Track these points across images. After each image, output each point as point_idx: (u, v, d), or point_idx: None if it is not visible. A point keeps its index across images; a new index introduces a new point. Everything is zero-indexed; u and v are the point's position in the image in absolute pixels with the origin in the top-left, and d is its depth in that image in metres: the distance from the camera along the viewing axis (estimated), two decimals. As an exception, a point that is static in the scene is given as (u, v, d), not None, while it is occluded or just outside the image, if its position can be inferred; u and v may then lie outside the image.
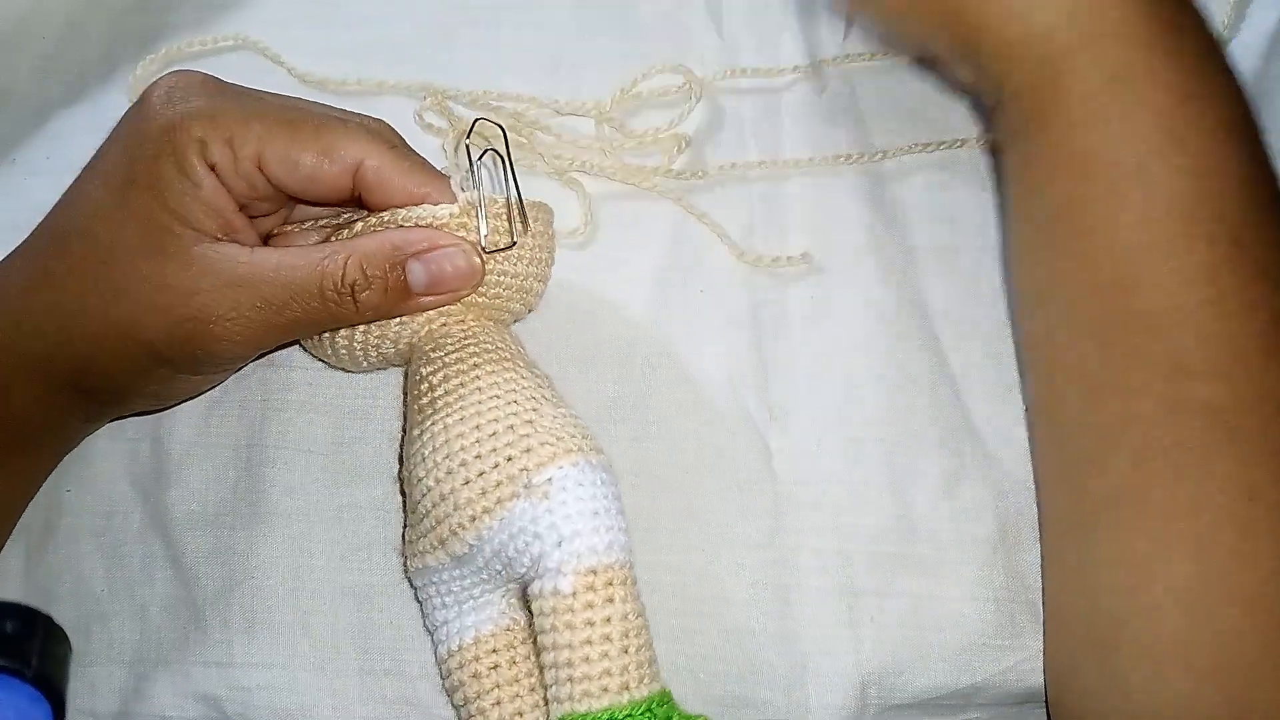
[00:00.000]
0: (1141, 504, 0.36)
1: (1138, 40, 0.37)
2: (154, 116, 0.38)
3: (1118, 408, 0.37)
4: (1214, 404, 0.35)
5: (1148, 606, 0.36)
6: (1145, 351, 0.36)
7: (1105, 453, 0.37)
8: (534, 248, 0.41)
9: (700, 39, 0.51)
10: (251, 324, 0.37)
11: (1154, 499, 0.36)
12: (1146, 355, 0.36)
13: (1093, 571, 0.38)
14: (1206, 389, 0.35)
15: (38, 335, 0.38)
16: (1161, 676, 0.35)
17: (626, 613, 0.36)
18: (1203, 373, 0.35)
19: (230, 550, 0.43)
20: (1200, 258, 0.36)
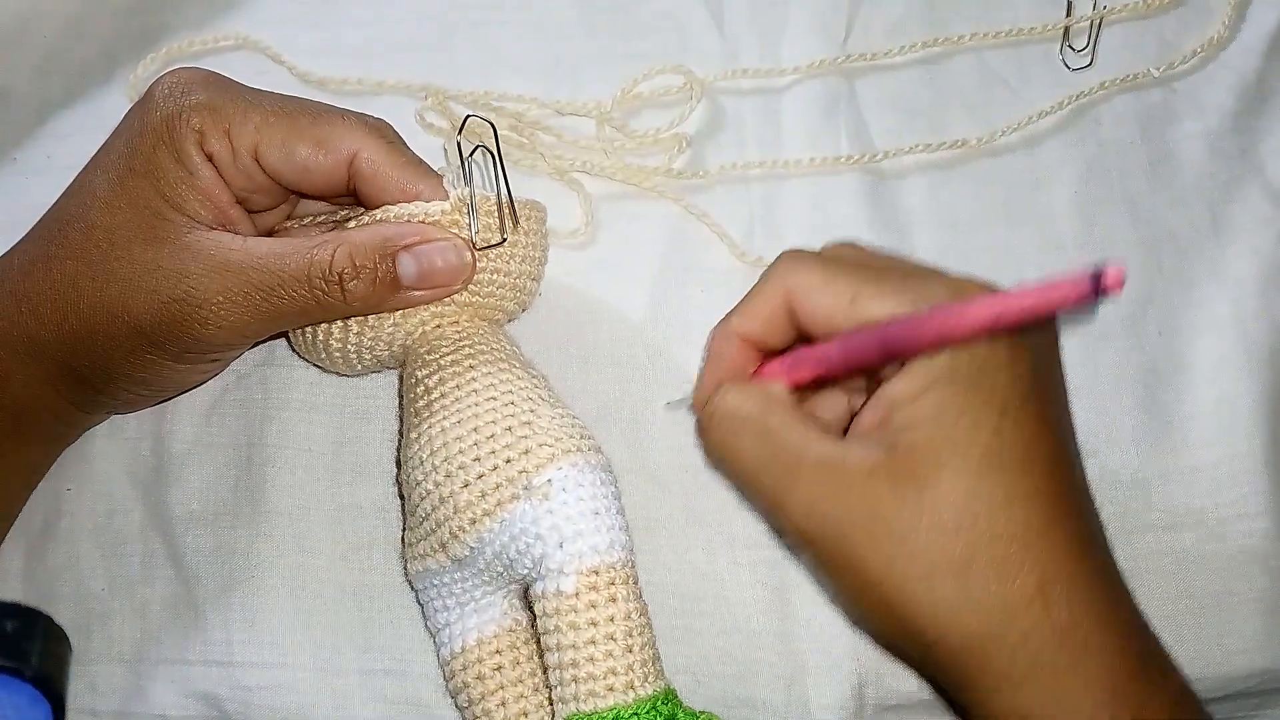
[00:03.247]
0: None
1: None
2: (155, 109, 0.38)
3: None
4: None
5: None
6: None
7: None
8: (527, 245, 0.41)
9: (700, 39, 0.51)
10: (239, 309, 0.37)
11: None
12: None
13: None
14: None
15: (35, 316, 0.38)
16: None
17: (629, 611, 0.36)
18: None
19: (231, 549, 0.43)
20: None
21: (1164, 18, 0.52)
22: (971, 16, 0.51)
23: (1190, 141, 0.49)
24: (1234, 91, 0.50)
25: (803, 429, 0.36)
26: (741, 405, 0.37)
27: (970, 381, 0.34)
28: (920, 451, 0.34)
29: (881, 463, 0.35)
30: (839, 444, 0.36)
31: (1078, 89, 0.50)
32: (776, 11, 0.51)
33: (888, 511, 0.34)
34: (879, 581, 0.35)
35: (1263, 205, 0.47)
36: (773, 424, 0.37)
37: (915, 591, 0.34)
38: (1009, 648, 0.34)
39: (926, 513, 0.34)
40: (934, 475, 0.34)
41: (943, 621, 0.34)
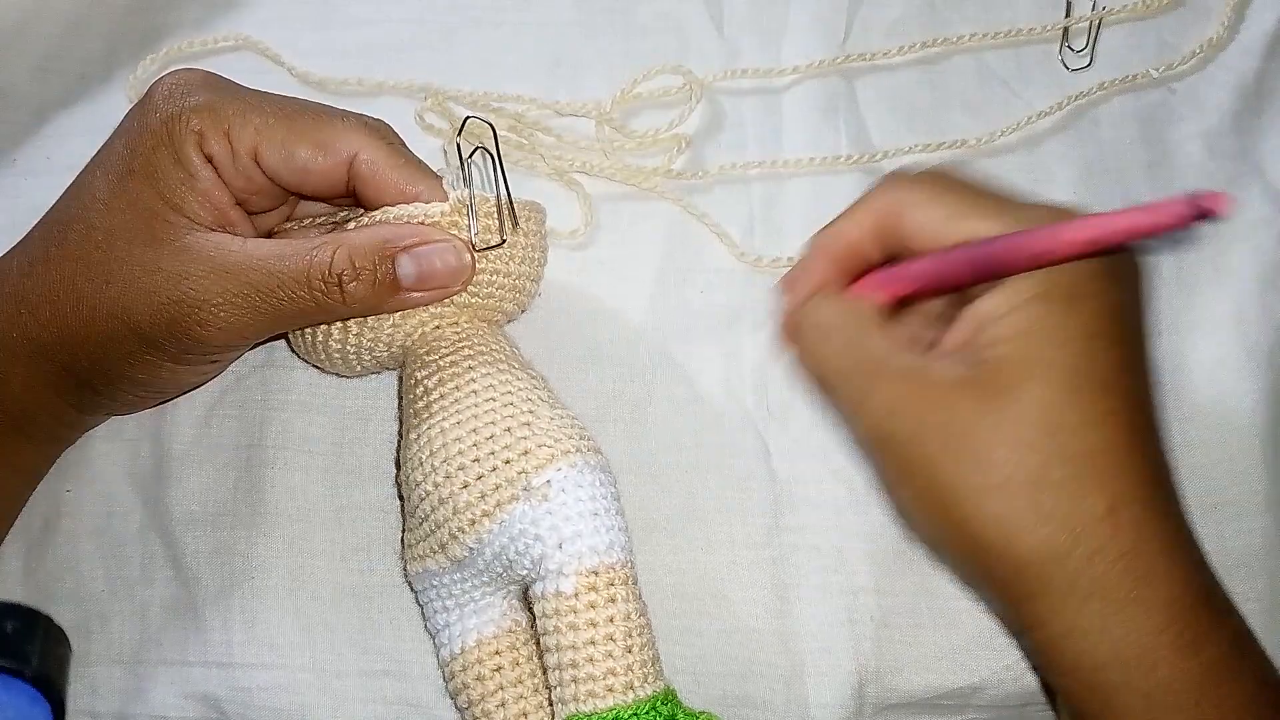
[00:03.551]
0: None
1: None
2: (155, 110, 0.38)
3: None
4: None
5: None
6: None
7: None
8: (526, 246, 0.41)
9: (700, 39, 0.51)
10: (238, 311, 0.37)
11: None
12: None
13: None
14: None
15: (34, 317, 0.38)
16: None
17: (629, 612, 0.36)
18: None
19: (230, 550, 0.43)
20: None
21: (1163, 19, 0.52)
22: (971, 17, 0.51)
23: (1189, 142, 0.49)
24: (1233, 92, 0.49)
25: (889, 340, 0.38)
26: (832, 315, 0.39)
27: (1062, 303, 0.35)
28: (1006, 366, 0.35)
29: (966, 376, 0.35)
30: (924, 356, 0.37)
31: (1077, 89, 0.50)
32: (776, 11, 0.51)
33: (967, 422, 0.35)
34: (950, 490, 0.35)
35: (1263, 205, 0.47)
36: (860, 333, 0.38)
37: (986, 502, 0.35)
38: (1073, 566, 0.34)
39: (1007, 426, 0.35)
40: (1017, 390, 0.35)
41: (1010, 534, 0.35)
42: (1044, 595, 0.35)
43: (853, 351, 0.38)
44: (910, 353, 0.37)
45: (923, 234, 0.38)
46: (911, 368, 0.36)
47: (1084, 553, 0.34)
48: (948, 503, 0.35)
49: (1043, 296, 0.35)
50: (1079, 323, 0.35)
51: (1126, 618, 0.34)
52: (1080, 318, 0.35)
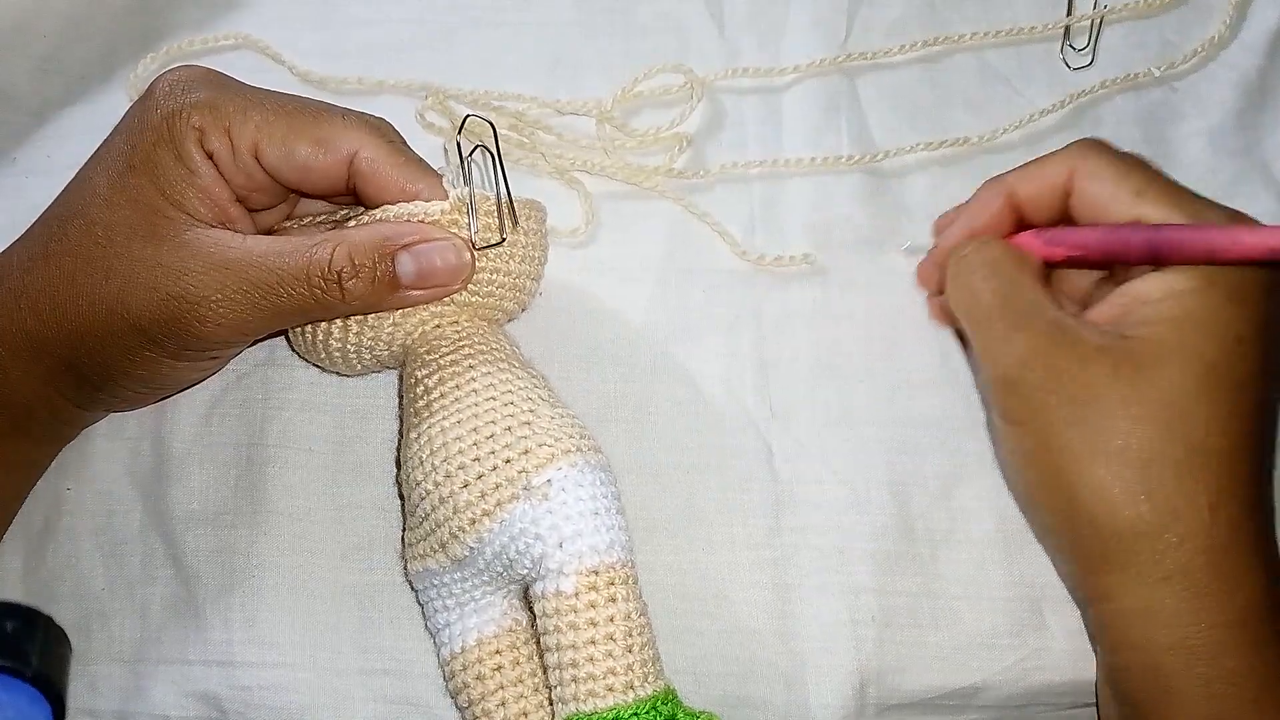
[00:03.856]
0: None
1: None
2: (156, 106, 0.38)
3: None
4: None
5: None
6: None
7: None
8: (526, 245, 0.41)
9: (701, 39, 0.51)
10: (238, 307, 0.37)
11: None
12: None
13: None
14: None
15: (33, 312, 0.38)
16: None
17: (629, 611, 0.36)
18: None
19: (231, 549, 0.43)
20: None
21: (1165, 17, 0.52)
22: (972, 15, 0.51)
23: (1192, 140, 0.49)
24: (1236, 89, 0.49)
25: (1045, 294, 0.39)
26: (998, 255, 0.40)
27: (1220, 301, 0.36)
28: (1152, 345, 0.36)
29: (1111, 345, 0.37)
30: (1076, 318, 0.38)
31: (1078, 88, 0.50)
32: (777, 11, 0.51)
33: (1100, 386, 0.36)
34: (1065, 446, 0.37)
35: (1268, 201, 0.47)
36: (1020, 278, 0.39)
37: (1097, 466, 0.36)
38: (1162, 546, 0.36)
39: (1137, 399, 0.36)
40: (1155, 369, 0.36)
41: (1112, 501, 0.36)
42: (1126, 569, 0.36)
43: (1009, 292, 0.39)
44: (1064, 311, 0.38)
45: (1096, 204, 0.39)
46: (1061, 323, 0.38)
47: (1176, 536, 0.36)
48: (1058, 459, 0.37)
49: (1201, 290, 0.36)
50: (1231, 323, 0.36)
51: (1202, 607, 0.35)
52: (1233, 319, 0.36)
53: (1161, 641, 0.36)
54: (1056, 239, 0.40)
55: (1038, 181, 0.41)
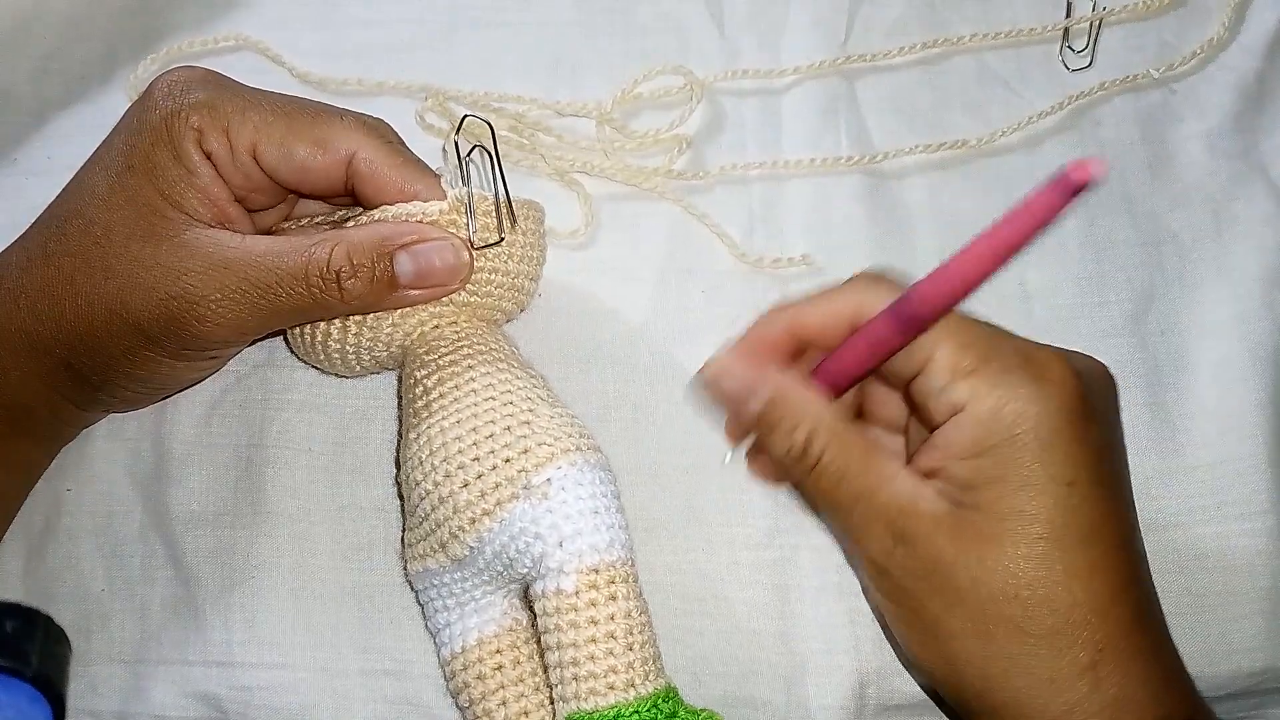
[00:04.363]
0: None
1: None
2: (155, 107, 0.38)
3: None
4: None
5: None
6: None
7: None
8: (524, 245, 0.41)
9: (701, 40, 0.51)
10: (237, 307, 0.37)
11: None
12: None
13: None
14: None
15: (32, 312, 0.38)
16: None
17: (630, 610, 0.36)
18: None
19: (231, 550, 0.42)
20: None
21: (1163, 19, 0.52)
22: (971, 17, 0.52)
23: (1191, 141, 0.49)
24: (1234, 91, 0.50)
25: (875, 462, 0.36)
26: (828, 441, 0.36)
27: (1036, 449, 0.34)
28: (982, 515, 0.34)
29: (945, 518, 0.35)
30: (913, 482, 0.36)
31: (1077, 89, 0.50)
32: (776, 12, 0.51)
33: (950, 566, 0.35)
34: (934, 628, 0.35)
35: (1266, 204, 0.47)
36: (851, 458, 0.36)
37: (967, 646, 0.35)
38: (1051, 717, 0.34)
39: (986, 576, 0.34)
40: (995, 541, 0.34)
41: (990, 680, 0.35)
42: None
43: (841, 487, 0.36)
44: (889, 480, 0.36)
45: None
46: (899, 503, 0.35)
47: (1063, 706, 0.34)
48: (934, 640, 0.36)
49: (1011, 442, 0.34)
50: (1054, 473, 0.34)
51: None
52: (1055, 467, 0.34)
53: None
54: (829, 373, 0.38)
55: (830, 309, 0.38)
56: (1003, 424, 0.34)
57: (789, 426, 0.37)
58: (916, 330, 0.35)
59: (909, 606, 0.36)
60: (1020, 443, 0.34)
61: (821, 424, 0.37)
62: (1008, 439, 0.34)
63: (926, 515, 0.35)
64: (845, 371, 0.38)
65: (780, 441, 0.37)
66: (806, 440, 0.37)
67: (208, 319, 0.37)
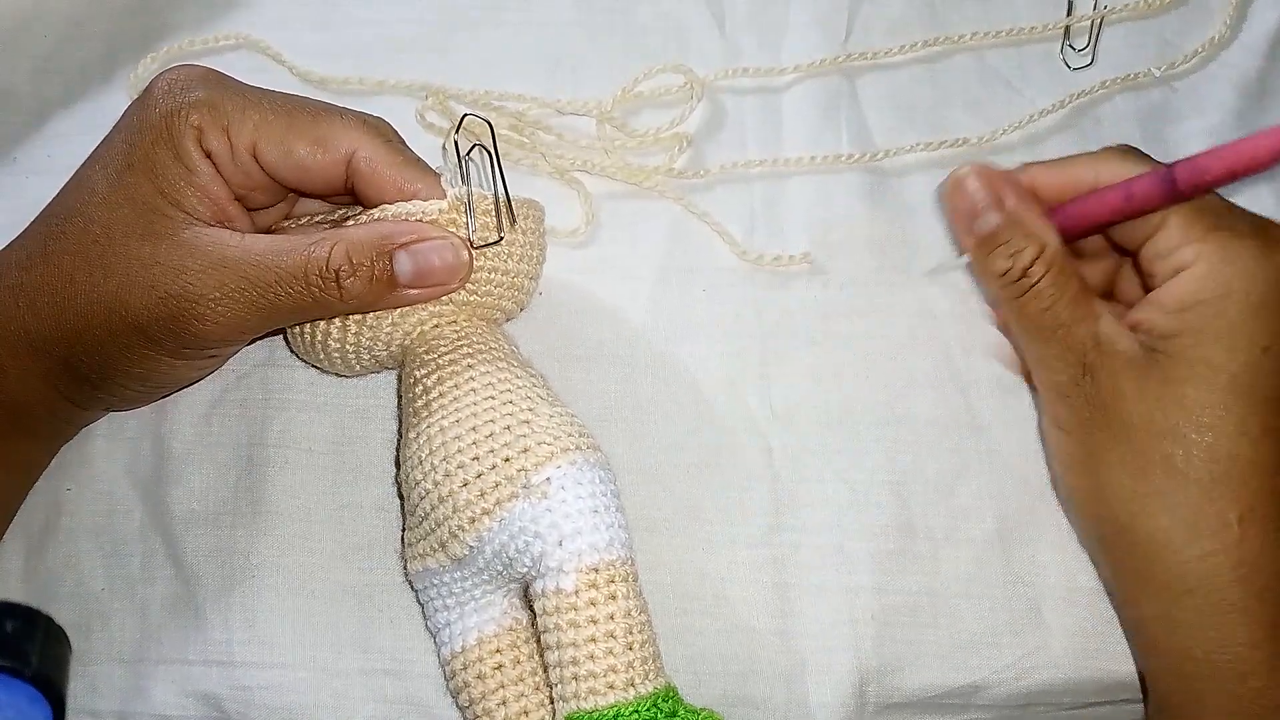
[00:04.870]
0: None
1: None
2: (155, 105, 0.38)
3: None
4: None
5: None
6: None
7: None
8: (524, 244, 0.41)
9: (701, 38, 0.51)
10: (236, 306, 0.37)
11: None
12: None
13: None
14: None
15: (32, 311, 0.38)
16: None
17: (630, 609, 0.36)
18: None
19: (231, 549, 0.42)
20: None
21: (1165, 17, 0.52)
22: (972, 16, 0.51)
23: (1192, 140, 0.49)
24: (1235, 90, 0.50)
25: (1088, 299, 0.39)
26: (1049, 266, 0.39)
27: (1243, 308, 0.36)
28: (1175, 359, 0.37)
29: (1138, 358, 0.37)
30: (1113, 324, 0.38)
31: (1078, 88, 0.50)
32: (777, 11, 0.51)
33: (1129, 401, 0.37)
34: (1101, 457, 0.37)
35: (1267, 203, 0.47)
36: (1068, 287, 0.39)
37: (1124, 479, 0.37)
38: (1183, 560, 0.36)
39: (1159, 413, 0.36)
40: (1179, 383, 0.36)
41: (1136, 512, 0.37)
42: (1151, 579, 0.36)
43: (1044, 316, 0.39)
44: (1100, 317, 0.38)
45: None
46: (1096, 337, 0.38)
47: (1199, 551, 0.35)
48: (1095, 467, 0.37)
49: (1221, 299, 0.36)
50: (1253, 335, 0.36)
51: (1227, 623, 0.35)
52: (1255, 328, 0.36)
53: (1186, 652, 0.36)
54: (1066, 216, 0.40)
55: (1069, 175, 0.41)
56: (1218, 281, 0.37)
57: (1014, 249, 0.39)
58: (1182, 198, 0.37)
59: (1078, 434, 0.38)
60: (1230, 300, 0.36)
61: (1049, 250, 0.39)
62: (1220, 295, 0.37)
63: (1120, 354, 0.37)
64: (1087, 218, 0.40)
65: (1001, 261, 0.39)
66: (1029, 264, 0.39)
67: (207, 318, 0.37)
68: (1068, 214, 0.40)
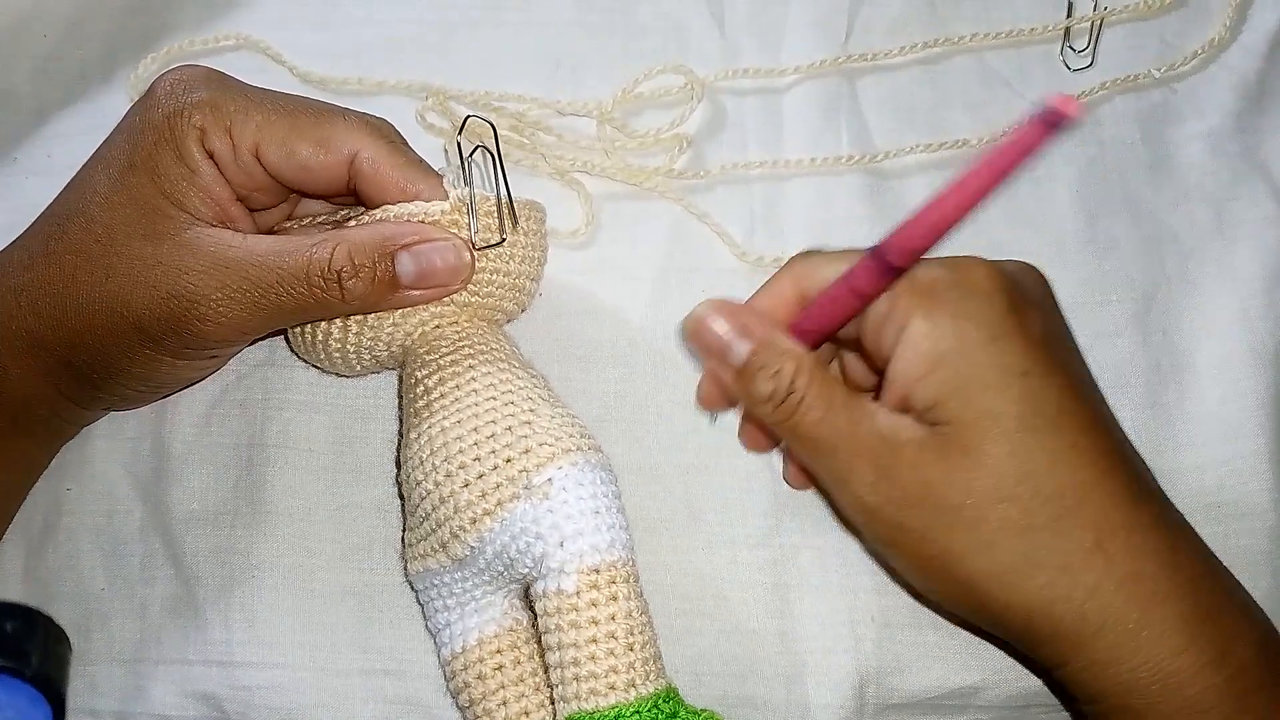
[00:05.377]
0: None
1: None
2: (157, 106, 0.38)
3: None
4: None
5: None
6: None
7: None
8: (526, 246, 0.41)
9: (701, 39, 0.51)
10: (238, 306, 0.37)
11: None
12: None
13: None
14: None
15: (33, 310, 0.38)
16: None
17: (630, 610, 0.36)
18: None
19: (231, 549, 0.42)
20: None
21: (1165, 19, 0.52)
22: (972, 17, 0.51)
23: (1192, 142, 0.49)
24: (1235, 91, 0.50)
25: (850, 403, 0.37)
26: (796, 377, 0.37)
27: (982, 349, 0.35)
28: (955, 427, 0.35)
29: (928, 439, 0.35)
30: (885, 417, 0.36)
31: (1078, 89, 0.50)
32: (777, 11, 0.51)
33: (939, 487, 0.35)
34: (942, 554, 0.35)
35: (1268, 204, 0.47)
36: (835, 397, 0.37)
37: (978, 561, 0.35)
38: (1077, 605, 0.34)
39: (977, 483, 0.35)
40: (977, 446, 0.35)
41: (1009, 587, 0.35)
42: (1056, 639, 0.35)
43: (823, 427, 0.36)
44: (869, 416, 0.36)
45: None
46: (880, 436, 0.36)
47: (1084, 589, 0.34)
48: (944, 568, 0.36)
49: (958, 349, 0.35)
50: (1006, 364, 0.35)
51: (1141, 644, 0.34)
52: (1005, 361, 0.35)
53: (1119, 689, 0.35)
54: (801, 330, 0.38)
55: (775, 293, 0.39)
56: (945, 333, 0.35)
57: (773, 369, 0.37)
58: (901, 271, 0.35)
59: (908, 542, 0.36)
60: (967, 346, 0.35)
61: (803, 365, 0.37)
62: (954, 346, 0.35)
63: (908, 442, 0.35)
64: (825, 322, 0.38)
65: (763, 385, 0.37)
66: (791, 381, 0.37)
67: (209, 318, 0.37)
68: (803, 326, 0.38)
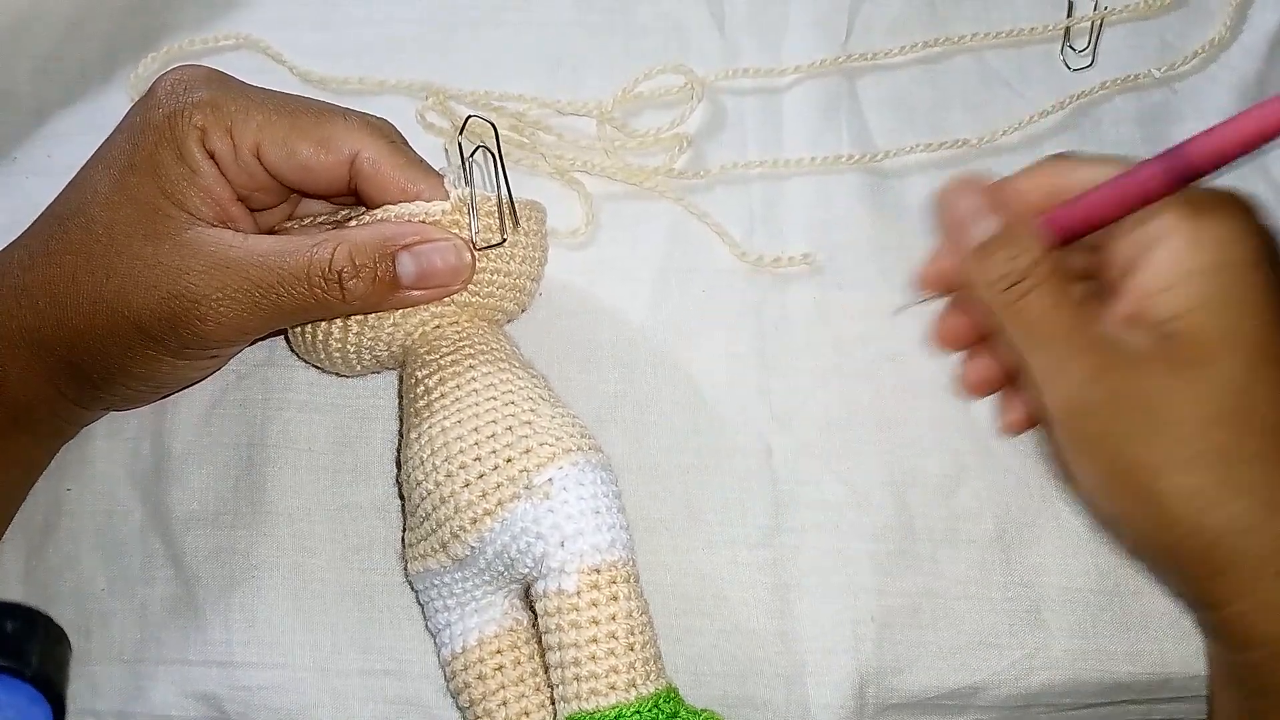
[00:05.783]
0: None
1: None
2: (158, 105, 0.38)
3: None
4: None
5: None
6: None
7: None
8: (526, 246, 0.41)
9: (701, 39, 0.51)
10: (238, 306, 0.37)
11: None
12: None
13: None
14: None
15: (34, 310, 0.38)
16: None
17: (631, 610, 0.36)
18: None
19: (231, 550, 0.42)
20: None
21: (1165, 19, 0.52)
22: (972, 17, 0.51)
23: (1191, 142, 0.49)
24: (1235, 92, 0.50)
25: (1079, 305, 0.37)
26: (1039, 270, 0.37)
27: (1240, 272, 0.35)
28: (1194, 339, 0.35)
29: (1156, 349, 0.35)
30: (1113, 325, 0.36)
31: (1078, 89, 0.50)
32: (777, 11, 0.51)
33: (1160, 396, 0.35)
34: (1142, 463, 0.35)
35: (1269, 203, 0.47)
36: (1063, 294, 0.37)
37: (1179, 476, 0.35)
38: (1268, 539, 0.34)
39: (1199, 400, 0.34)
40: (1207, 363, 0.34)
41: (1203, 508, 0.35)
42: (1234, 570, 0.35)
43: (1050, 316, 0.37)
44: (1097, 319, 0.37)
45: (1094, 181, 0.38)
46: (1105, 338, 0.36)
47: (1278, 527, 0.34)
48: (1138, 476, 0.35)
49: (1219, 265, 0.35)
50: (1261, 291, 0.35)
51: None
52: (1261, 286, 0.35)
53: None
54: (1055, 224, 0.38)
55: (1033, 180, 0.39)
56: (1205, 248, 0.35)
57: (1014, 252, 0.37)
58: (1185, 181, 0.35)
59: (1106, 448, 0.36)
60: (1226, 263, 0.35)
61: (1046, 256, 0.37)
62: (1213, 262, 0.35)
63: (1136, 350, 0.35)
64: (1085, 220, 0.38)
65: (999, 265, 0.37)
66: (1027, 267, 0.37)
67: (209, 318, 0.37)
68: (1060, 222, 0.39)
